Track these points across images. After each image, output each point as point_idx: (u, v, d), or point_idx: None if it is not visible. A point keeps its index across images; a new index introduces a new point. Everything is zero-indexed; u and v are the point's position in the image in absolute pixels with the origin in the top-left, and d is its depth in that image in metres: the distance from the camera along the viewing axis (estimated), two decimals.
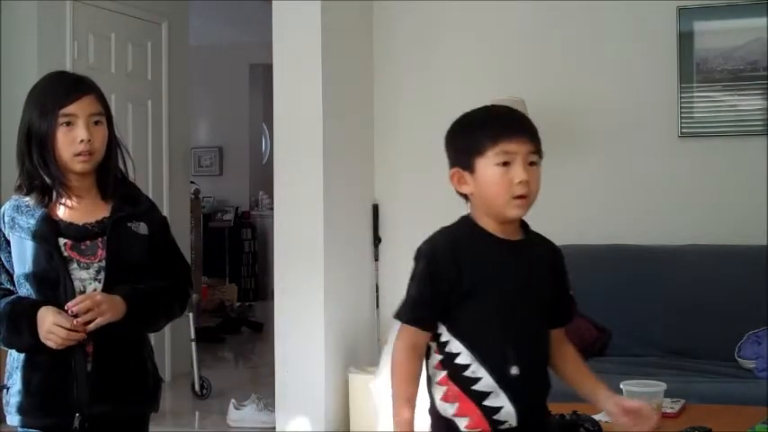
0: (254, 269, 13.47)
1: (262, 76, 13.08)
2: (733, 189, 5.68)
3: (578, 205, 5.97)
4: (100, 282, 3.06)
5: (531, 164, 2.60)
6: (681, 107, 5.75)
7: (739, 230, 5.49)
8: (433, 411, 2.69)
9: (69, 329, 2.94)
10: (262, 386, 7.12)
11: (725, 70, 5.67)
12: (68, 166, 3.06)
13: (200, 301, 10.15)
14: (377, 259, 6.26)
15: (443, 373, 2.63)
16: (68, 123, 3.03)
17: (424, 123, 6.29)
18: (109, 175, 3.17)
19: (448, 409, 2.63)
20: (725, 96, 5.72)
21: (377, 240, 6.30)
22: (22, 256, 3.07)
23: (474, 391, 2.57)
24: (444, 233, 2.74)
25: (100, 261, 3.07)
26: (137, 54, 7.72)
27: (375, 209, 6.32)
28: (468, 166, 2.66)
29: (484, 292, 2.59)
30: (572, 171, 5.97)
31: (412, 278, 2.66)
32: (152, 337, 3.33)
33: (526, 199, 2.61)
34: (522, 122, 2.72)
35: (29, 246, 3.05)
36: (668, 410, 3.71)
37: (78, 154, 3.04)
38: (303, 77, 5.77)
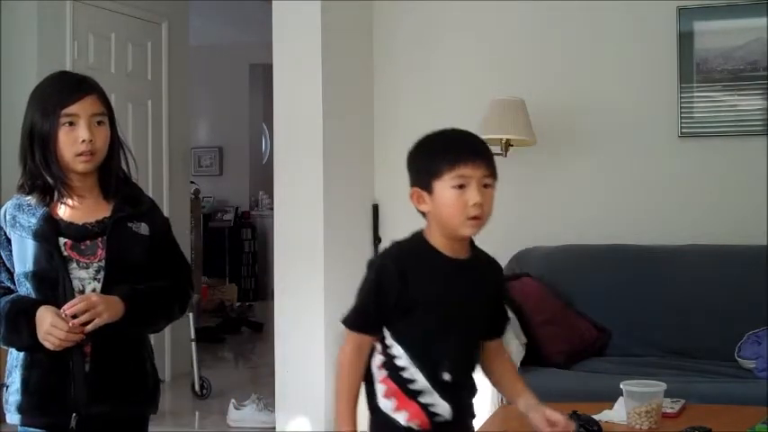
0: (254, 269, 13.48)
1: (262, 76, 13.09)
2: (733, 189, 5.68)
3: (578, 205, 5.97)
4: (99, 281, 3.06)
5: (486, 186, 2.81)
6: (681, 107, 5.75)
7: (739, 230, 5.49)
8: (374, 407, 2.87)
9: (67, 331, 2.94)
10: (262, 386, 7.12)
11: (725, 70, 5.67)
12: (70, 166, 3.07)
13: (200, 301, 10.15)
14: None
15: (385, 373, 2.82)
16: (70, 123, 3.03)
17: (423, 123, 6.22)
18: (111, 174, 3.17)
19: (388, 405, 2.81)
20: (725, 96, 5.72)
21: (377, 240, 6.30)
22: (23, 254, 3.07)
23: (410, 389, 2.78)
24: (395, 248, 2.92)
25: (99, 261, 3.07)
26: (137, 54, 7.73)
27: (375, 209, 6.32)
28: (427, 188, 2.87)
29: (426, 306, 2.78)
30: (572, 171, 5.98)
31: (361, 287, 2.84)
32: (152, 337, 3.32)
33: (479, 220, 2.80)
34: (478, 148, 2.93)
35: (29, 245, 3.06)
36: (668, 410, 3.70)
37: (80, 154, 3.04)
38: (303, 77, 5.77)
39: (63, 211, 3.12)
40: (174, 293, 3.25)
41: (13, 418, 3.13)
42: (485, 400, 4.59)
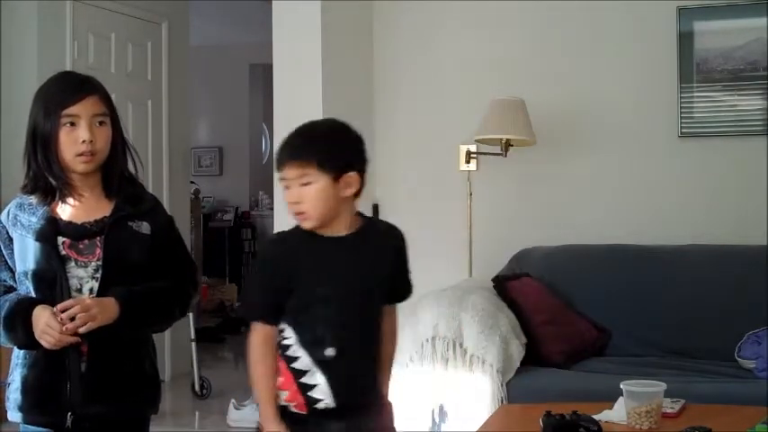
0: None
1: (262, 76, 13.08)
2: (733, 189, 5.69)
3: (578, 205, 5.97)
4: (97, 281, 3.06)
5: (305, 184, 2.92)
6: (681, 107, 5.75)
7: (739, 230, 5.50)
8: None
9: (60, 332, 2.95)
10: None
11: (725, 70, 5.67)
12: (70, 166, 3.07)
13: (200, 301, 10.14)
14: None
15: (279, 352, 2.95)
16: (72, 124, 3.04)
17: (424, 123, 6.30)
18: (113, 174, 3.18)
19: (278, 382, 2.95)
20: (725, 96, 5.72)
21: None
22: (23, 253, 3.08)
23: (293, 368, 2.89)
24: (275, 237, 3.18)
25: (98, 260, 3.08)
26: (137, 54, 7.73)
27: (375, 209, 6.32)
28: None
29: (307, 285, 2.90)
30: (572, 171, 5.98)
31: (252, 281, 3.14)
32: (153, 336, 3.33)
33: (303, 214, 2.95)
34: (291, 152, 3.00)
35: (29, 244, 3.07)
36: (668, 410, 3.69)
37: (80, 154, 3.05)
38: (303, 77, 5.77)
39: (63, 211, 3.13)
40: (174, 294, 3.24)
41: (13, 416, 3.15)
42: (484, 399, 4.61)
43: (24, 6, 6.73)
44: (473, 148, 5.94)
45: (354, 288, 2.95)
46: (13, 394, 3.12)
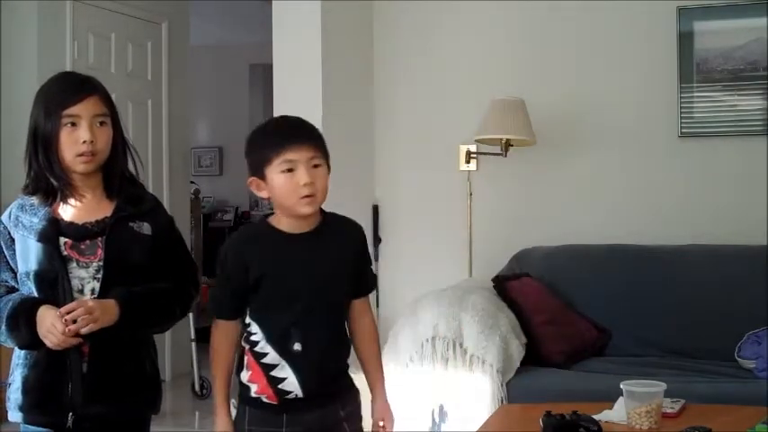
0: None
1: (262, 76, 13.05)
2: (733, 189, 5.69)
3: (578, 205, 5.98)
4: (98, 281, 3.07)
5: (315, 166, 3.00)
6: (681, 107, 5.75)
7: (739, 230, 5.49)
8: (240, 384, 3.13)
9: (63, 334, 2.95)
10: None
11: (725, 70, 5.68)
12: (71, 166, 3.08)
13: (200, 301, 10.12)
14: (377, 259, 6.25)
15: (246, 346, 3.07)
16: (72, 124, 3.04)
17: (423, 123, 6.30)
18: (114, 174, 3.18)
19: (245, 376, 3.07)
20: (725, 96, 5.72)
21: (377, 240, 6.31)
22: (25, 254, 3.09)
23: (263, 363, 3.01)
24: (237, 234, 3.20)
25: (99, 261, 3.08)
26: (137, 54, 7.73)
27: (375, 209, 6.33)
28: (261, 176, 3.05)
29: (270, 282, 3.00)
30: (572, 171, 5.99)
31: (216, 276, 3.12)
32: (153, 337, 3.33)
33: (313, 197, 2.99)
34: (301, 132, 3.09)
35: (31, 244, 3.07)
36: (668, 410, 3.69)
37: (81, 155, 3.05)
38: (303, 77, 5.77)
39: (65, 211, 3.13)
40: (175, 295, 3.25)
41: (14, 416, 3.15)
42: (484, 399, 4.61)
43: (24, 6, 6.73)
44: (473, 148, 5.95)
45: (317, 283, 3.03)
46: (14, 394, 3.13)
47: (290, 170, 2.96)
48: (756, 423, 3.44)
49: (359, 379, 3.26)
